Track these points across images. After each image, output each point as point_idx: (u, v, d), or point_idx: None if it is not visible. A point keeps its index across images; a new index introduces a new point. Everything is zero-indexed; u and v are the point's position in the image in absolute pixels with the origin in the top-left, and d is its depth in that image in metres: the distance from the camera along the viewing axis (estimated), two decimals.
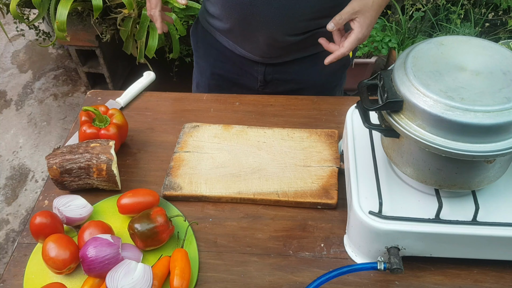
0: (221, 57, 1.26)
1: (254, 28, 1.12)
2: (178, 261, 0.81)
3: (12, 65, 2.99)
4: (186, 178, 0.98)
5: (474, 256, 0.81)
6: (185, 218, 0.90)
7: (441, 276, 0.82)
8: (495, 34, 2.40)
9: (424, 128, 0.69)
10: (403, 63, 0.73)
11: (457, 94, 0.67)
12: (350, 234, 0.86)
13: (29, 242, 0.90)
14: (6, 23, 2.97)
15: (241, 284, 0.83)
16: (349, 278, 0.82)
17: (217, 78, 1.31)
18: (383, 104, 0.72)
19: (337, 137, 1.06)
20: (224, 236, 0.90)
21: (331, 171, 0.98)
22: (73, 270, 0.83)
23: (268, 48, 1.17)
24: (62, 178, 0.94)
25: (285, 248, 0.88)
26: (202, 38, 1.29)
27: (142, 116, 1.17)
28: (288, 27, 1.11)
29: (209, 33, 1.25)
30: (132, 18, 2.14)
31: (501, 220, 0.76)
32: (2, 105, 2.71)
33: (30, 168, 2.35)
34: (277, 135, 1.07)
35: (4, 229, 2.10)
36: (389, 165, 0.87)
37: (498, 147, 0.67)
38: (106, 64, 2.49)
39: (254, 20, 1.09)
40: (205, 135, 1.08)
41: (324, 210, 0.94)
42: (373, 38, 2.34)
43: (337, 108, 1.16)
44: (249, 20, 1.10)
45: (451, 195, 0.81)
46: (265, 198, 0.94)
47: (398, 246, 0.78)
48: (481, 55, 0.74)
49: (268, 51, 1.18)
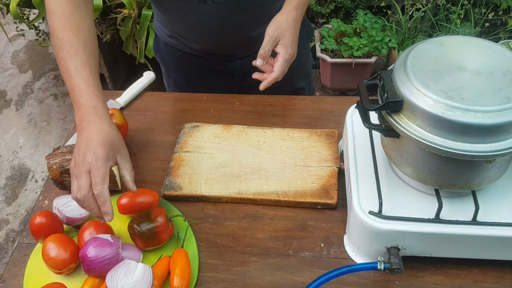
0: (193, 65, 1.25)
1: (224, 43, 1.16)
2: (178, 261, 0.81)
3: (12, 65, 2.99)
4: (186, 178, 0.98)
5: (474, 256, 0.81)
6: (185, 218, 0.90)
7: (441, 276, 0.82)
8: (495, 34, 2.40)
9: (424, 128, 0.69)
10: (403, 63, 0.73)
11: (457, 94, 0.67)
12: (350, 234, 0.86)
13: (29, 242, 0.90)
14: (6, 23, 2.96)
15: (241, 284, 0.83)
16: (349, 278, 0.82)
17: (194, 86, 1.29)
18: (383, 104, 0.72)
19: (337, 137, 1.06)
20: (224, 236, 0.90)
21: (331, 171, 0.98)
22: (73, 270, 0.83)
23: (241, 48, 1.19)
24: (62, 178, 0.94)
25: (285, 248, 0.88)
26: (168, 53, 1.26)
27: (142, 116, 1.17)
28: (258, 28, 1.14)
29: (174, 48, 1.23)
30: (132, 18, 2.14)
31: (501, 220, 0.76)
32: (2, 105, 2.71)
33: (30, 168, 2.35)
34: (277, 135, 1.07)
35: (4, 229, 2.10)
36: (389, 165, 0.87)
37: (498, 147, 0.67)
38: (106, 64, 2.48)
39: (224, 41, 1.15)
40: (205, 135, 1.08)
41: (324, 210, 0.94)
42: (373, 38, 2.35)
43: (337, 108, 1.16)
44: (220, 41, 1.15)
45: (451, 195, 0.81)
46: (265, 198, 0.94)
47: (398, 246, 0.78)
48: (481, 55, 0.74)
49: (242, 49, 1.20)
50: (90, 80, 0.82)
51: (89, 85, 0.82)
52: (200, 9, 1.05)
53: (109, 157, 0.78)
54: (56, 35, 0.85)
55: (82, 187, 0.75)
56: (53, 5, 0.87)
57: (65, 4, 0.87)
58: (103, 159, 0.76)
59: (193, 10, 1.06)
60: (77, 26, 0.86)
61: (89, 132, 0.78)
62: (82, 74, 0.82)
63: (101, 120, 0.80)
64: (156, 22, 1.25)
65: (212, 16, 1.07)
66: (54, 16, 0.86)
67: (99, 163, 0.76)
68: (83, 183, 0.76)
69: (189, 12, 1.06)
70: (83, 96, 0.81)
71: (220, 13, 1.06)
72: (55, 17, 0.86)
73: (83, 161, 0.76)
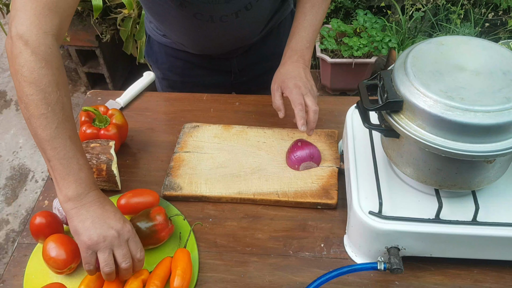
0: (188, 64, 1.25)
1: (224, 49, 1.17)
2: (180, 261, 0.81)
3: None
4: (186, 178, 0.98)
5: (474, 256, 0.81)
6: (185, 217, 0.90)
7: (441, 276, 0.82)
8: (495, 34, 2.40)
9: (424, 128, 0.69)
10: (403, 63, 0.73)
11: (457, 94, 0.67)
12: (350, 234, 0.86)
13: (29, 242, 0.90)
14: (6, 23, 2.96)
15: (241, 284, 0.83)
16: (349, 278, 0.82)
17: (190, 86, 1.29)
18: (383, 104, 0.72)
19: (337, 137, 1.06)
20: (224, 236, 0.90)
21: (331, 171, 0.98)
22: (73, 270, 0.83)
23: (238, 50, 1.20)
24: None
25: (285, 248, 0.88)
26: (162, 53, 1.25)
27: (142, 116, 1.17)
28: (258, 35, 1.16)
29: (169, 47, 1.23)
30: (132, 18, 2.14)
31: (501, 220, 0.76)
32: (2, 105, 2.71)
33: (30, 168, 2.35)
34: (277, 135, 1.07)
35: (4, 229, 2.10)
36: (389, 165, 0.87)
37: (498, 147, 0.67)
38: (106, 64, 2.48)
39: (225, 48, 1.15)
40: (205, 135, 1.08)
41: (324, 210, 0.94)
42: (373, 38, 2.35)
43: (337, 108, 1.16)
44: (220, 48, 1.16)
45: (451, 195, 0.81)
46: (265, 198, 0.94)
47: (398, 246, 0.78)
48: (481, 55, 0.74)
49: (239, 51, 1.21)
50: (79, 152, 0.76)
51: (79, 157, 0.76)
52: (207, 27, 1.06)
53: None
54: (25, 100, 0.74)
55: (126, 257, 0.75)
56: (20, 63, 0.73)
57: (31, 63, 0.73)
58: (133, 229, 0.78)
59: (200, 28, 1.06)
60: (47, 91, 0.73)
61: (102, 204, 0.76)
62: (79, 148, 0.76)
63: (101, 193, 0.79)
64: (148, 23, 1.24)
65: (219, 32, 1.08)
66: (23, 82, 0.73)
67: (134, 231, 0.77)
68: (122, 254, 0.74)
69: (196, 29, 1.07)
70: (82, 170, 0.75)
71: (225, 29, 1.07)
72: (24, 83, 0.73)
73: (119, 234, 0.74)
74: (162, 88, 1.35)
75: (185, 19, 1.04)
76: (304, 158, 0.97)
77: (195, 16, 1.02)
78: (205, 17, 1.02)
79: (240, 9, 1.02)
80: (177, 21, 1.08)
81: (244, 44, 1.19)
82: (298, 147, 0.98)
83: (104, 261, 0.73)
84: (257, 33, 1.17)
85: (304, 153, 0.97)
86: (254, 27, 1.13)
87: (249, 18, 1.07)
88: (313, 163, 0.98)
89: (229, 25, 1.05)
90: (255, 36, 1.17)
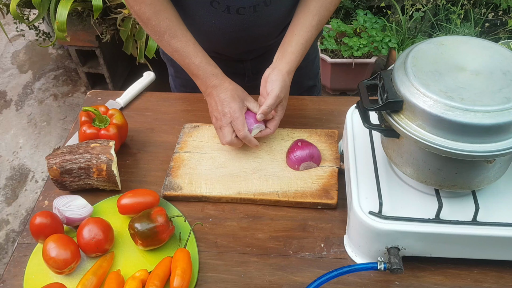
0: None
1: (238, 49, 1.17)
2: (180, 261, 0.81)
3: (12, 65, 2.99)
4: (186, 178, 0.98)
5: (474, 256, 0.81)
6: (185, 218, 0.90)
7: (441, 276, 0.82)
8: (495, 34, 2.40)
9: (424, 128, 0.69)
10: (403, 63, 0.73)
11: (457, 94, 0.67)
12: (350, 234, 0.86)
13: (29, 242, 0.90)
14: (6, 23, 2.97)
15: (241, 284, 0.83)
16: (349, 278, 0.82)
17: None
18: (383, 104, 0.72)
19: (337, 137, 1.06)
20: (224, 236, 0.90)
21: (331, 171, 0.98)
22: (73, 270, 0.83)
23: (253, 53, 1.20)
24: (62, 178, 0.94)
25: (285, 248, 0.88)
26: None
27: (142, 116, 1.17)
28: (273, 39, 1.16)
29: None
30: (132, 18, 2.14)
31: (501, 220, 0.76)
32: (2, 105, 2.71)
33: (30, 168, 2.35)
34: (277, 135, 1.07)
35: (4, 229, 2.10)
36: (389, 165, 0.87)
37: (498, 147, 0.67)
38: (106, 64, 2.49)
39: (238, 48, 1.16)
40: (205, 135, 1.08)
41: (324, 210, 0.94)
42: (373, 38, 2.35)
43: (337, 108, 1.16)
44: (234, 47, 1.16)
45: (451, 195, 0.81)
46: (265, 198, 0.94)
47: (398, 246, 0.78)
48: (481, 55, 0.74)
49: (253, 53, 1.20)
50: (199, 53, 1.00)
51: (200, 57, 1.00)
52: (222, 18, 1.05)
53: (241, 107, 0.99)
54: (151, 23, 0.98)
55: (226, 135, 0.98)
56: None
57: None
58: (239, 110, 0.98)
59: (216, 19, 1.06)
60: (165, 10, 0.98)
61: (217, 93, 1.00)
62: (190, 50, 1.00)
63: (222, 81, 1.01)
64: None
65: (234, 26, 1.07)
66: (143, 6, 0.97)
67: (237, 114, 0.98)
68: (226, 132, 0.98)
69: (211, 20, 1.07)
70: (199, 69, 1.00)
71: (242, 24, 1.06)
72: (144, 7, 0.97)
73: (224, 115, 0.98)
74: (176, 85, 1.36)
75: (200, 6, 1.04)
76: (304, 158, 0.98)
77: (212, 4, 1.01)
78: (222, 6, 1.01)
79: (259, 3, 1.01)
80: (191, 11, 1.07)
81: (259, 46, 1.17)
82: (298, 147, 0.99)
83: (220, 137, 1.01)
84: (274, 35, 1.15)
85: (304, 153, 0.98)
86: (271, 26, 1.11)
87: (267, 15, 1.06)
88: (313, 163, 0.98)
89: (246, 19, 1.04)
90: (272, 38, 1.16)
